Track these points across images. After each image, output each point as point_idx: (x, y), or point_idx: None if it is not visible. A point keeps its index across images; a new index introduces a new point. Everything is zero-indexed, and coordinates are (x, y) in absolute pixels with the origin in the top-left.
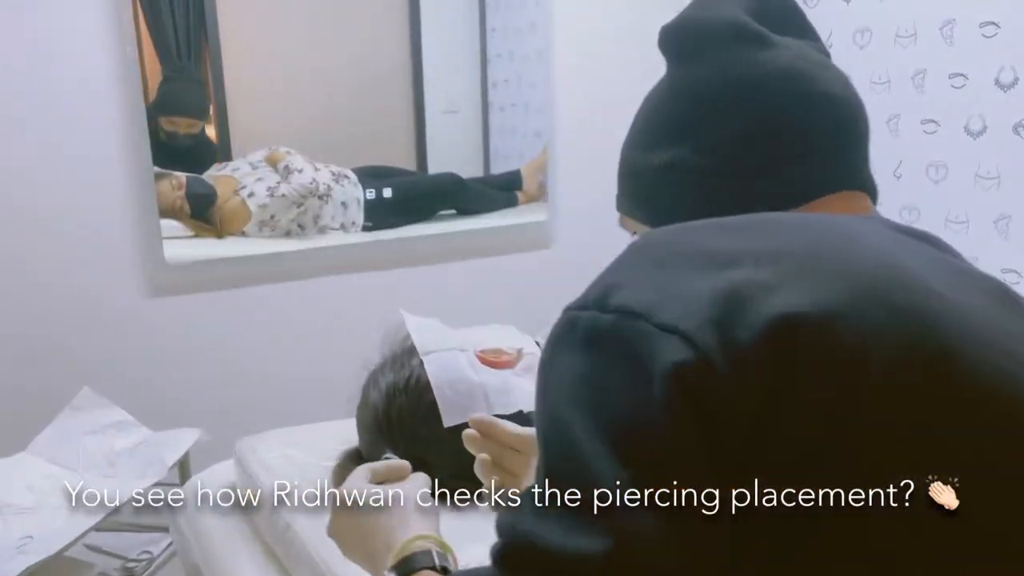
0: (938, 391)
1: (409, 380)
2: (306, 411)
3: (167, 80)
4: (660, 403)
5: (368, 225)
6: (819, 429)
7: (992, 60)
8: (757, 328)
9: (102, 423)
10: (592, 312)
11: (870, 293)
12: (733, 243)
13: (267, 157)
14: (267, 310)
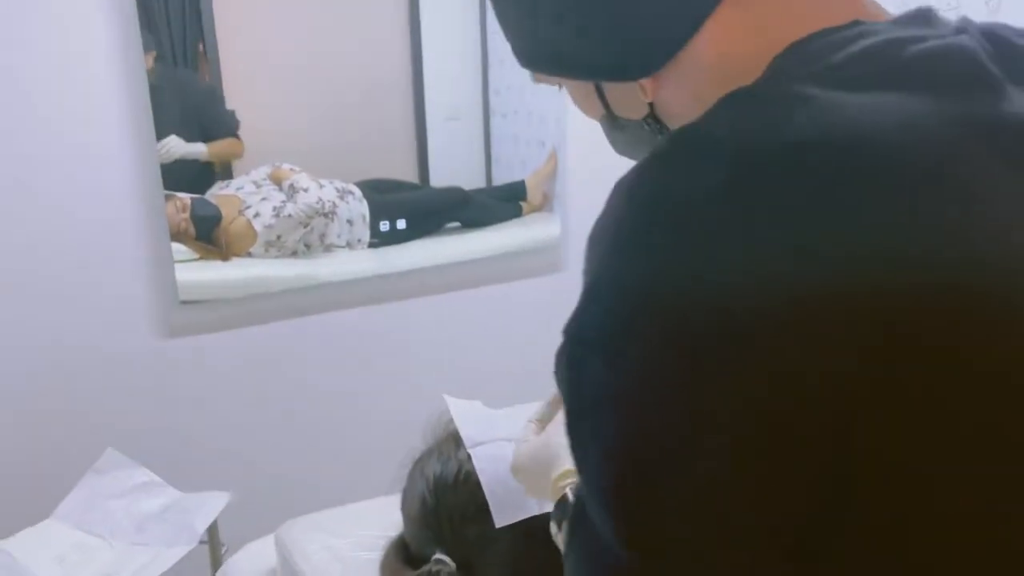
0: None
1: (458, 476)
2: (340, 464)
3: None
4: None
5: (375, 242)
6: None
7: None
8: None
9: (127, 486)
10: None
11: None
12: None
13: (271, 175)
14: (284, 348)
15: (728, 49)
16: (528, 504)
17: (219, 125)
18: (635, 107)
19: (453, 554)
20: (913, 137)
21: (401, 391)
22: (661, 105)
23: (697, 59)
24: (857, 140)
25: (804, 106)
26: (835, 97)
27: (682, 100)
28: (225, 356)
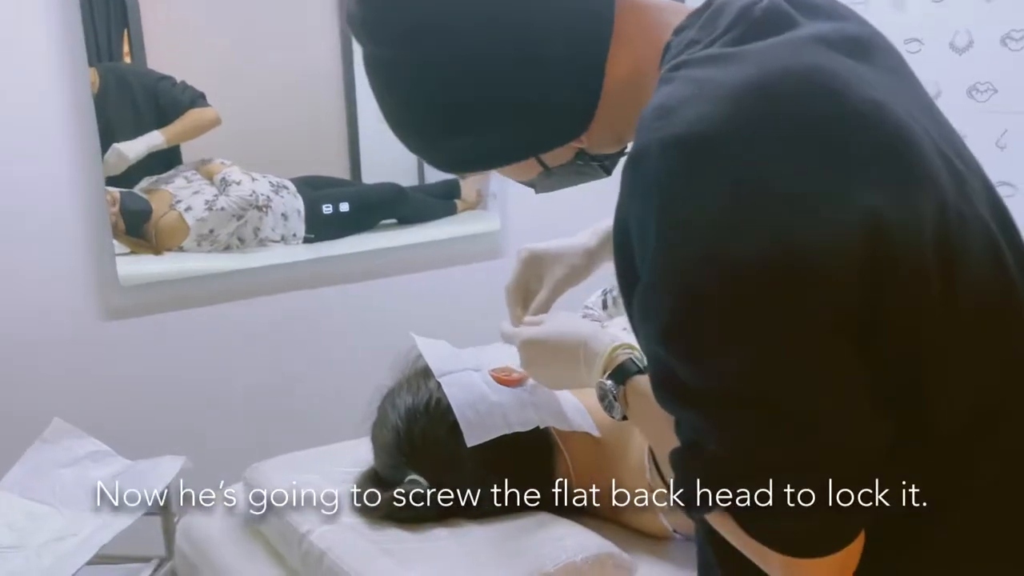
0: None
1: (429, 402)
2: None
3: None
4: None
5: (310, 237)
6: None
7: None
8: None
9: (76, 455)
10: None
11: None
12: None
13: (201, 169)
14: (222, 328)
15: (627, 72)
16: (496, 425)
17: (173, 104)
18: (565, 154)
19: (425, 475)
20: (810, 59)
21: (341, 372)
22: (590, 139)
23: (608, 92)
24: (793, 67)
25: (738, 57)
26: (746, 47)
27: (608, 127)
28: (166, 337)
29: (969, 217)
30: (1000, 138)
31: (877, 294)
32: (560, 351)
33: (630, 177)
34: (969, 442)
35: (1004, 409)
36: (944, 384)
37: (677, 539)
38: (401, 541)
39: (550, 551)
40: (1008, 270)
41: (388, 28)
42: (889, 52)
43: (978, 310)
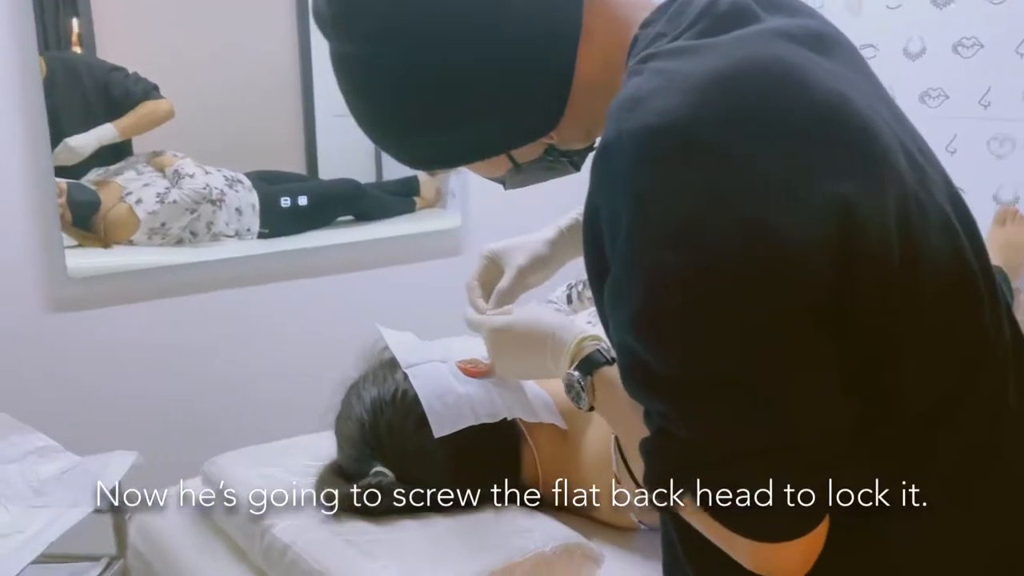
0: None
1: (395, 394)
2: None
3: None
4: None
5: (264, 232)
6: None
7: (900, 31)
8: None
9: (22, 450)
10: None
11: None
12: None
13: (152, 161)
14: (177, 322)
15: (595, 67)
16: (464, 416)
17: (125, 96)
18: (535, 150)
19: (392, 467)
20: (774, 50)
21: (298, 367)
22: (560, 135)
23: (577, 88)
24: (758, 58)
25: (704, 49)
26: (712, 40)
27: (578, 122)
28: (116, 330)
29: (929, 207)
30: (950, 143)
31: (846, 279)
32: (528, 340)
33: (600, 168)
34: (931, 426)
35: (962, 393)
36: (908, 367)
37: (643, 530)
38: (366, 533)
39: (518, 542)
40: (967, 260)
41: (358, 26)
42: (849, 49)
43: (938, 296)
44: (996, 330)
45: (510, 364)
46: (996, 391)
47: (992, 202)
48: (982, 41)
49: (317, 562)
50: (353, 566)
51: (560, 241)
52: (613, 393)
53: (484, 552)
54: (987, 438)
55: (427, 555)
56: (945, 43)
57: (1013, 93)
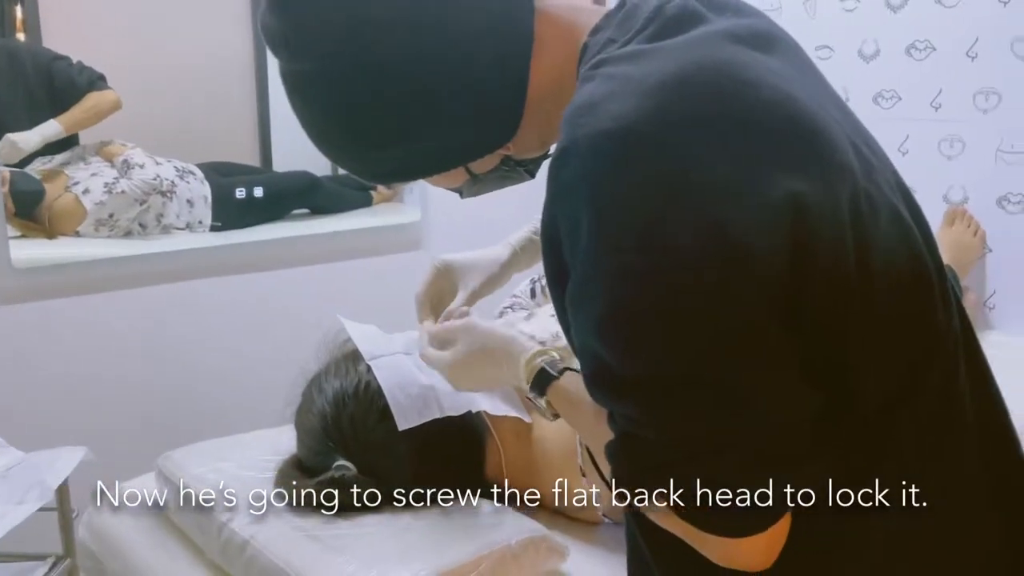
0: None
1: (359, 386)
2: (194, 422)
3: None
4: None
5: (217, 225)
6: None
7: (855, 33)
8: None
9: None
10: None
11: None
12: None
13: (100, 151)
14: (125, 316)
15: (548, 77)
16: (429, 409)
17: (69, 86)
18: (491, 161)
19: (355, 461)
20: (723, 52)
21: (253, 362)
22: (516, 145)
23: (531, 98)
24: (707, 60)
25: (654, 53)
26: (662, 44)
27: (533, 131)
28: (63, 323)
29: (880, 202)
30: (903, 144)
31: (804, 274)
32: (483, 361)
33: (556, 174)
34: (889, 417)
35: (917, 384)
36: (865, 361)
37: (607, 523)
38: (329, 528)
39: (484, 535)
40: (919, 253)
41: (310, 43)
42: (795, 48)
43: (893, 290)
44: (947, 322)
45: (466, 373)
46: (948, 381)
47: (942, 202)
48: (934, 44)
49: (278, 557)
50: (315, 561)
51: (513, 262)
52: (570, 403)
53: (449, 546)
54: (940, 426)
55: (391, 549)
56: (899, 46)
57: (964, 95)
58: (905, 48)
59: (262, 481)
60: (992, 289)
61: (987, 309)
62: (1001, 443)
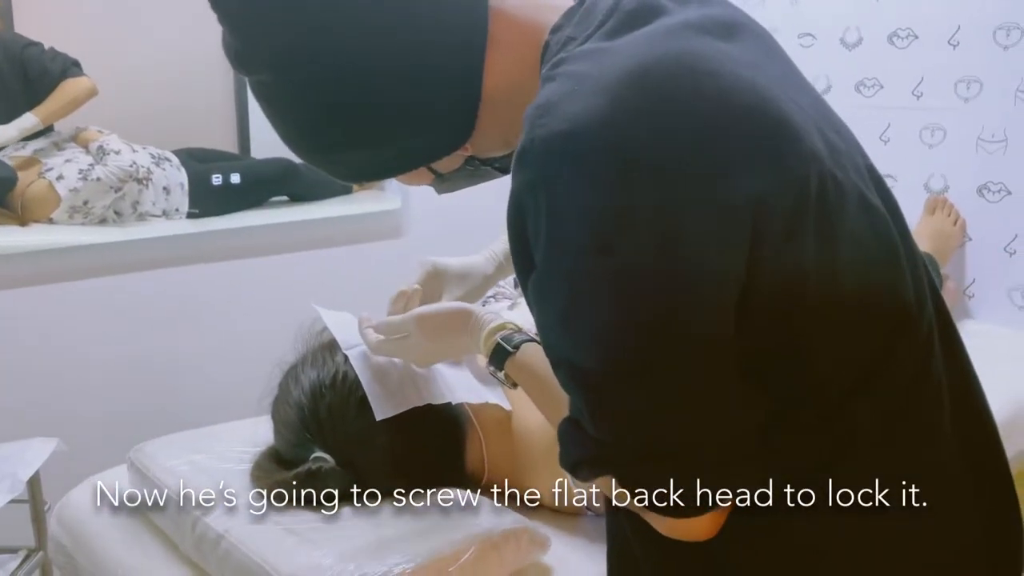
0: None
1: (336, 377)
2: (168, 414)
3: None
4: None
5: (194, 212)
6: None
7: (838, 21)
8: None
9: None
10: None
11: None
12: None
13: (75, 137)
14: (97, 305)
15: (506, 77)
16: (407, 397)
17: (42, 74)
18: (454, 161)
19: (333, 453)
20: (682, 44)
21: (228, 351)
22: (473, 146)
23: (489, 99)
24: (666, 54)
25: (613, 50)
26: (620, 40)
27: (494, 132)
28: (35, 311)
29: (847, 186)
30: (884, 132)
31: (759, 273)
32: (448, 320)
33: (516, 174)
34: (851, 403)
35: (881, 366)
36: (823, 349)
37: (588, 515)
38: (306, 521)
39: (464, 527)
40: (888, 234)
41: (262, 55)
42: (761, 35)
43: (857, 272)
44: (919, 306)
45: (429, 345)
46: (918, 366)
47: (923, 190)
48: (917, 32)
49: (254, 552)
50: (292, 555)
51: (496, 275)
52: (528, 375)
53: (429, 538)
54: (912, 415)
55: (369, 542)
56: (881, 33)
57: (945, 83)
58: (887, 36)
59: (238, 473)
60: (971, 278)
61: (966, 298)
62: (979, 432)
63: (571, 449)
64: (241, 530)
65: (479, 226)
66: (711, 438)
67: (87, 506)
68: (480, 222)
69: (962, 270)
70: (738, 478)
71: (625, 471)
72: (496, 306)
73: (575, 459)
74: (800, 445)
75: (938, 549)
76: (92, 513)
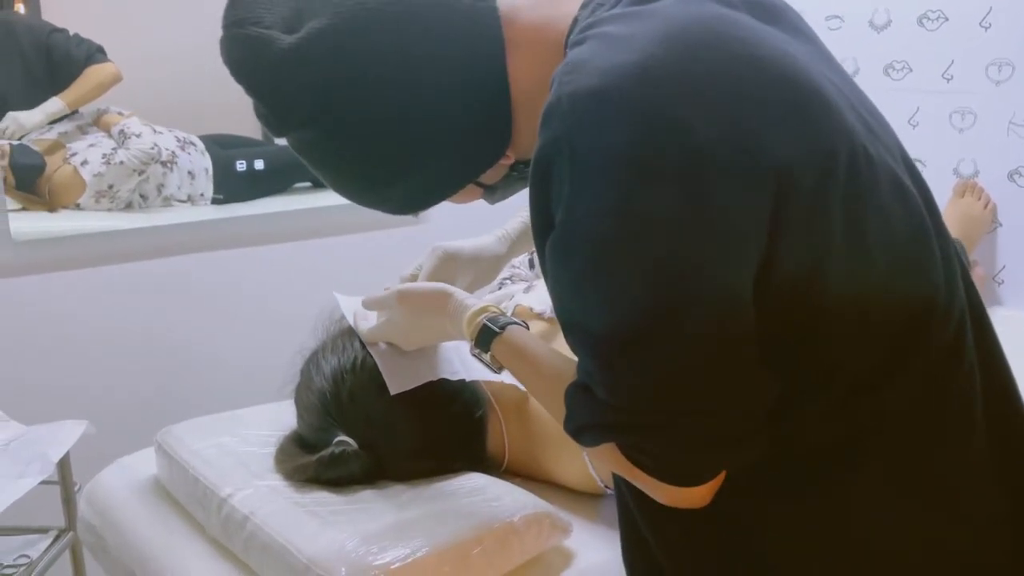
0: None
1: (355, 362)
2: (194, 398)
3: None
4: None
5: (219, 198)
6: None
7: (866, 2)
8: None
9: None
10: None
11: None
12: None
13: (97, 121)
14: (125, 290)
15: (532, 75)
16: (420, 373)
17: (66, 60)
18: (500, 170)
19: (355, 436)
20: (715, 11)
21: (253, 336)
22: (516, 151)
23: (521, 101)
24: (700, 18)
25: (644, 14)
26: (651, 5)
27: (532, 133)
28: (64, 296)
29: (879, 164)
30: (913, 116)
31: (781, 244)
32: (429, 301)
33: (542, 131)
34: (877, 387)
35: (910, 348)
36: (850, 327)
37: (608, 495)
38: (328, 503)
39: (486, 512)
40: (919, 216)
41: (290, 118)
42: (793, 17)
43: (885, 250)
44: (950, 291)
45: (410, 331)
46: (949, 353)
47: (952, 175)
48: (947, 14)
49: (278, 533)
50: (315, 537)
51: (508, 256)
52: (515, 357)
53: (450, 522)
54: (941, 398)
55: (391, 525)
56: (910, 15)
57: (976, 67)
58: (917, 18)
59: (263, 456)
60: (1001, 264)
61: (996, 284)
62: (1010, 418)
63: (578, 413)
64: (266, 512)
65: (498, 211)
66: (723, 405)
67: (116, 487)
68: (499, 207)
69: (992, 256)
70: (746, 448)
71: (632, 436)
72: (512, 288)
73: (581, 423)
74: (820, 429)
75: (959, 531)
76: (121, 494)
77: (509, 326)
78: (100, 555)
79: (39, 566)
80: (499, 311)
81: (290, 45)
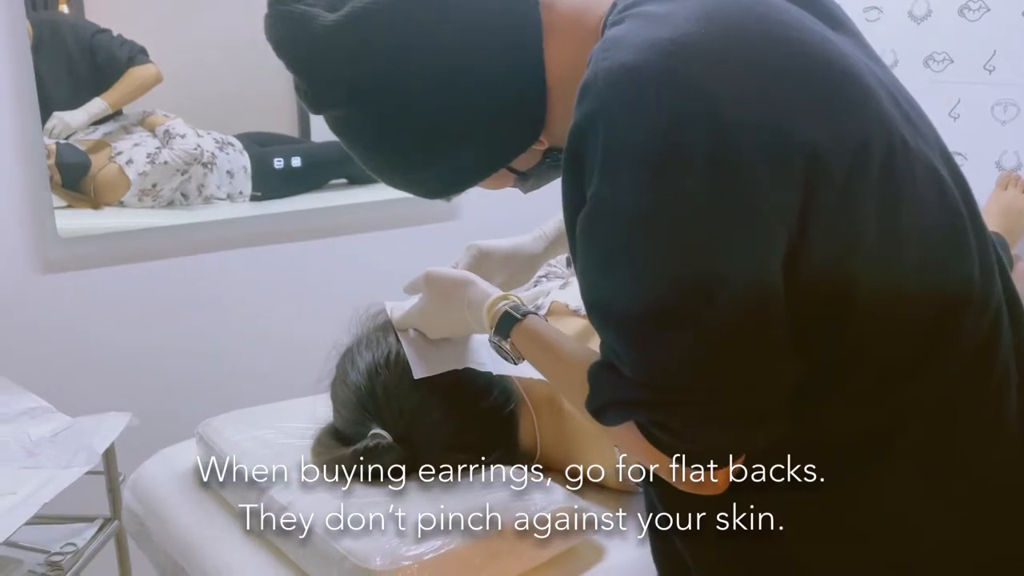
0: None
1: (389, 356)
2: (234, 390)
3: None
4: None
5: (257, 195)
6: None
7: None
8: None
9: (13, 411)
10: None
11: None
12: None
13: (142, 121)
14: (168, 285)
15: (567, 62)
16: (445, 360)
17: (110, 61)
18: (533, 156)
19: (390, 429)
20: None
21: (290, 330)
22: (550, 138)
23: (556, 87)
24: (746, 1)
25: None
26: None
27: (567, 119)
28: (108, 291)
29: (916, 153)
30: (953, 108)
31: (810, 230)
32: (450, 289)
33: (577, 107)
34: (904, 380)
35: (945, 343)
36: (879, 317)
37: (640, 493)
38: (364, 495)
39: (518, 506)
40: (955, 207)
41: (331, 93)
42: (836, 8)
43: (921, 238)
44: (986, 285)
45: (433, 318)
46: (982, 350)
47: (995, 168)
48: (989, 4)
49: (315, 524)
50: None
51: (545, 255)
52: (535, 346)
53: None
54: (974, 391)
55: (424, 517)
56: (951, 5)
57: (1019, 57)
58: (958, 8)
59: (300, 449)
60: None
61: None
62: None
63: (601, 390)
64: (303, 503)
65: (534, 207)
66: (747, 384)
67: (159, 477)
68: (535, 204)
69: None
70: (768, 428)
71: (657, 413)
72: (547, 285)
73: (604, 400)
74: (849, 417)
75: (993, 531)
76: (163, 484)
77: (529, 314)
78: (144, 543)
79: (85, 553)
80: (519, 300)
81: (332, 23)
